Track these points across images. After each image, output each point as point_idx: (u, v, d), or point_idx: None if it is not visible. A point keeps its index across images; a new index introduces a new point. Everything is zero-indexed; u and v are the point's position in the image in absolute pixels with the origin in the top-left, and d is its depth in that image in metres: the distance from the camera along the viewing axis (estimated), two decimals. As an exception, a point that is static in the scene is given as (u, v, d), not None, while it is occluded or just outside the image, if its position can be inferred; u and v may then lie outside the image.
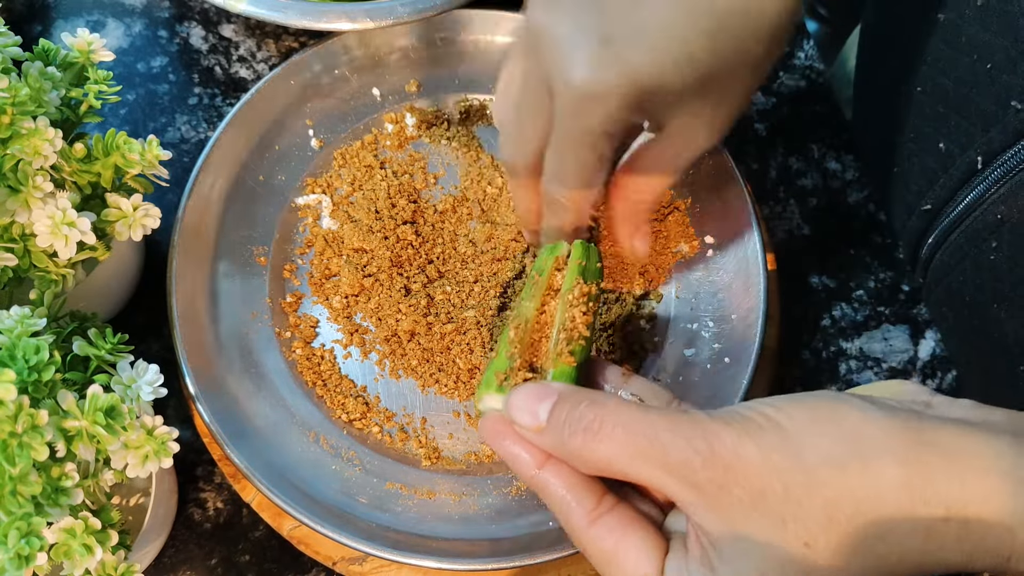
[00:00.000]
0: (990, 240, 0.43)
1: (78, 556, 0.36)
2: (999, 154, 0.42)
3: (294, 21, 0.53)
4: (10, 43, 0.43)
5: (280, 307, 0.52)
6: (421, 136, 0.57)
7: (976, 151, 0.43)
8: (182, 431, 0.46)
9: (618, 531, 0.32)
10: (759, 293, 0.49)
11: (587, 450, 0.31)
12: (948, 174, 0.45)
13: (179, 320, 0.48)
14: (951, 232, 0.46)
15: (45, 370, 0.36)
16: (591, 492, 0.33)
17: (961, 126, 0.44)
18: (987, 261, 0.44)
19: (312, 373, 0.50)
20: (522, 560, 0.44)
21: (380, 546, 0.44)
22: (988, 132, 0.42)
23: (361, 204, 0.53)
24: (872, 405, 0.30)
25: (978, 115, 0.42)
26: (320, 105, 0.56)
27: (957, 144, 0.44)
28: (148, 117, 0.59)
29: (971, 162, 0.43)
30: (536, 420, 0.33)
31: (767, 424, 0.30)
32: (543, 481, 0.33)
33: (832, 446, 0.29)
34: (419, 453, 0.49)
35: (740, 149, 0.60)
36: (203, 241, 0.51)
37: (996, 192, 0.42)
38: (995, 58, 0.41)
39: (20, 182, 0.39)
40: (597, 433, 0.31)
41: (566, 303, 0.39)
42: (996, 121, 0.41)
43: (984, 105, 0.42)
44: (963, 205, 0.44)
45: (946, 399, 0.32)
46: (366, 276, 0.52)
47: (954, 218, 0.45)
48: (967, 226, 0.44)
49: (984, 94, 0.42)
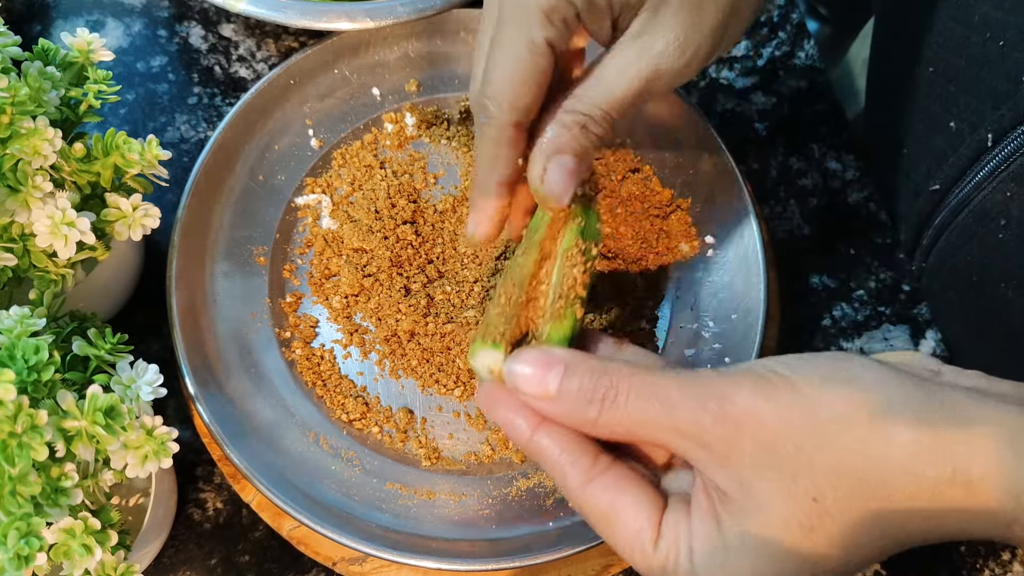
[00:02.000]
0: (999, 219, 0.43)
1: (78, 556, 0.36)
2: (1009, 131, 0.42)
3: (294, 21, 0.53)
4: (10, 43, 0.43)
5: (280, 307, 0.52)
6: (421, 136, 0.57)
7: (986, 129, 0.42)
8: (182, 431, 0.46)
9: (613, 489, 0.32)
10: (759, 293, 0.49)
11: (603, 419, 0.31)
12: (958, 153, 0.45)
13: (179, 320, 0.48)
14: (959, 212, 0.46)
15: (45, 370, 0.36)
16: (586, 453, 0.33)
17: (971, 104, 0.44)
18: (995, 240, 0.43)
19: (312, 373, 0.50)
20: (522, 560, 0.44)
21: (380, 546, 0.44)
22: (999, 110, 0.42)
23: (361, 204, 0.53)
24: (885, 367, 0.30)
25: (989, 93, 0.42)
26: (320, 105, 0.56)
27: (967, 123, 0.44)
28: (148, 117, 0.59)
29: (981, 140, 0.43)
30: (544, 389, 0.32)
31: (780, 382, 0.30)
32: (538, 445, 0.33)
33: (844, 404, 0.29)
34: (419, 453, 0.49)
35: (740, 149, 0.60)
36: (203, 241, 0.51)
37: (1006, 170, 0.42)
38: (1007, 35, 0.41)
39: (20, 182, 0.39)
40: (613, 402, 0.31)
41: (565, 261, 0.37)
42: (1007, 98, 0.41)
43: (995, 83, 0.42)
44: (972, 184, 0.44)
45: (955, 369, 0.32)
46: (366, 276, 0.52)
47: (962, 198, 0.45)
48: (976, 205, 0.44)
49: (995, 72, 0.42)
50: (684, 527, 0.31)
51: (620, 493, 0.32)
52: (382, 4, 0.53)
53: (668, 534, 0.31)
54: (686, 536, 0.31)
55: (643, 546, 0.32)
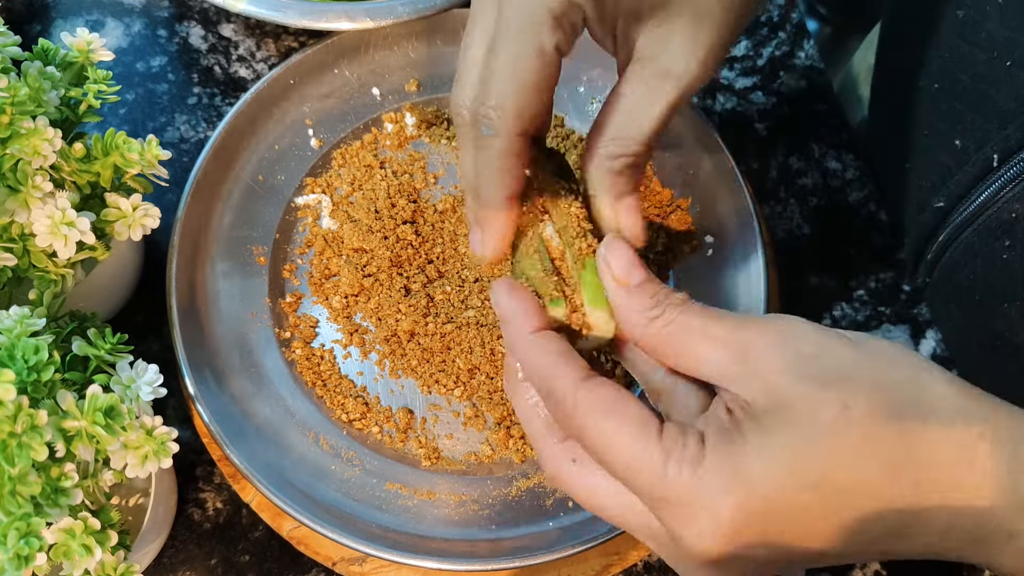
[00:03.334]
0: (1003, 239, 0.43)
1: (77, 556, 0.36)
2: (1016, 152, 0.41)
3: (294, 21, 0.53)
4: (10, 43, 0.43)
5: (280, 307, 0.52)
6: (421, 136, 0.57)
7: (992, 148, 0.42)
8: (182, 431, 0.46)
9: (612, 385, 0.32)
10: (759, 293, 0.49)
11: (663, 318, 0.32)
12: (963, 171, 0.44)
13: (179, 320, 0.48)
14: (963, 230, 0.45)
15: (44, 370, 0.36)
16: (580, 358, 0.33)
17: (977, 123, 0.43)
18: (1000, 260, 0.43)
19: (312, 373, 0.50)
20: (522, 560, 0.44)
21: (380, 546, 0.44)
22: (1005, 129, 0.42)
23: (361, 204, 0.53)
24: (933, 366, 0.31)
25: (995, 112, 0.42)
26: (320, 105, 0.56)
27: (973, 141, 0.44)
28: (147, 117, 0.59)
29: (987, 159, 0.43)
30: (628, 276, 0.33)
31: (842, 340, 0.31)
32: (537, 344, 0.33)
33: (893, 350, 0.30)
34: (419, 453, 0.49)
35: (740, 149, 0.60)
36: (203, 241, 0.51)
37: (1012, 190, 0.42)
38: (1015, 55, 0.40)
39: (19, 182, 0.39)
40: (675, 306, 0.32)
41: (555, 213, 0.37)
42: (1014, 118, 0.41)
43: (1002, 102, 0.42)
44: (977, 203, 0.44)
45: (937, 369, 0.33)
46: (366, 276, 0.52)
47: (967, 216, 0.45)
48: (980, 224, 0.44)
49: (1003, 91, 0.42)
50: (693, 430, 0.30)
51: (620, 389, 0.32)
52: (382, 4, 0.53)
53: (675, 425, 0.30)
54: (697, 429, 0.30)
55: (648, 434, 0.30)
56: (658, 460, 0.29)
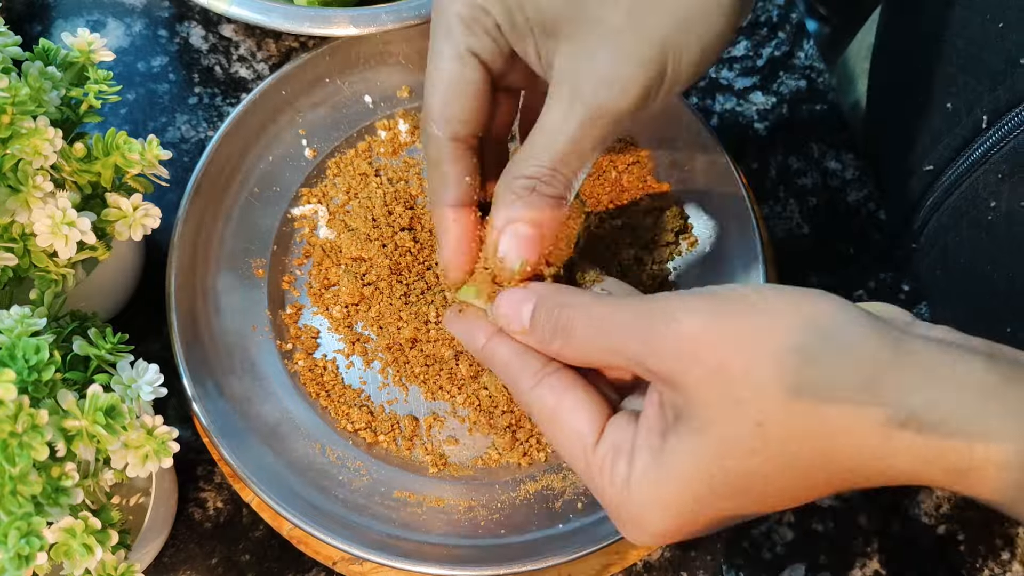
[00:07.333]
0: (989, 200, 0.43)
1: (78, 556, 0.36)
2: (1005, 112, 0.42)
3: (277, 24, 0.53)
4: (10, 43, 0.43)
5: (280, 319, 0.52)
6: (415, 142, 0.56)
7: (983, 110, 0.42)
8: (182, 431, 0.46)
9: (559, 389, 0.33)
10: (759, 293, 0.49)
11: (566, 348, 0.33)
12: (953, 134, 0.45)
13: (178, 323, 0.48)
14: (951, 192, 0.46)
15: (45, 370, 0.36)
16: (536, 358, 0.34)
17: (969, 85, 0.44)
18: (985, 221, 0.43)
19: (315, 384, 0.50)
20: (534, 564, 0.44)
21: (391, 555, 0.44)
22: (995, 91, 0.42)
23: (357, 212, 0.53)
24: (857, 310, 0.30)
25: (986, 74, 0.42)
26: (312, 115, 0.55)
27: (964, 103, 0.44)
28: (148, 117, 0.59)
29: (976, 121, 0.43)
30: (521, 323, 0.34)
31: (739, 302, 0.30)
32: (491, 351, 0.35)
33: (805, 338, 0.29)
34: (426, 460, 0.49)
35: (740, 149, 0.60)
36: (202, 250, 0.51)
37: (999, 151, 0.42)
38: (1007, 16, 0.41)
39: (20, 182, 0.39)
40: (571, 332, 0.33)
41: None
42: (1004, 79, 0.41)
43: (993, 63, 0.42)
44: (965, 165, 0.44)
45: (926, 323, 0.32)
46: (365, 285, 0.51)
47: (955, 178, 0.45)
48: (968, 186, 0.44)
49: (994, 52, 0.42)
50: (628, 435, 0.32)
51: (564, 394, 0.33)
52: (365, 11, 0.53)
53: (610, 438, 0.32)
54: (628, 444, 0.31)
55: (584, 447, 0.32)
56: (594, 472, 0.32)
